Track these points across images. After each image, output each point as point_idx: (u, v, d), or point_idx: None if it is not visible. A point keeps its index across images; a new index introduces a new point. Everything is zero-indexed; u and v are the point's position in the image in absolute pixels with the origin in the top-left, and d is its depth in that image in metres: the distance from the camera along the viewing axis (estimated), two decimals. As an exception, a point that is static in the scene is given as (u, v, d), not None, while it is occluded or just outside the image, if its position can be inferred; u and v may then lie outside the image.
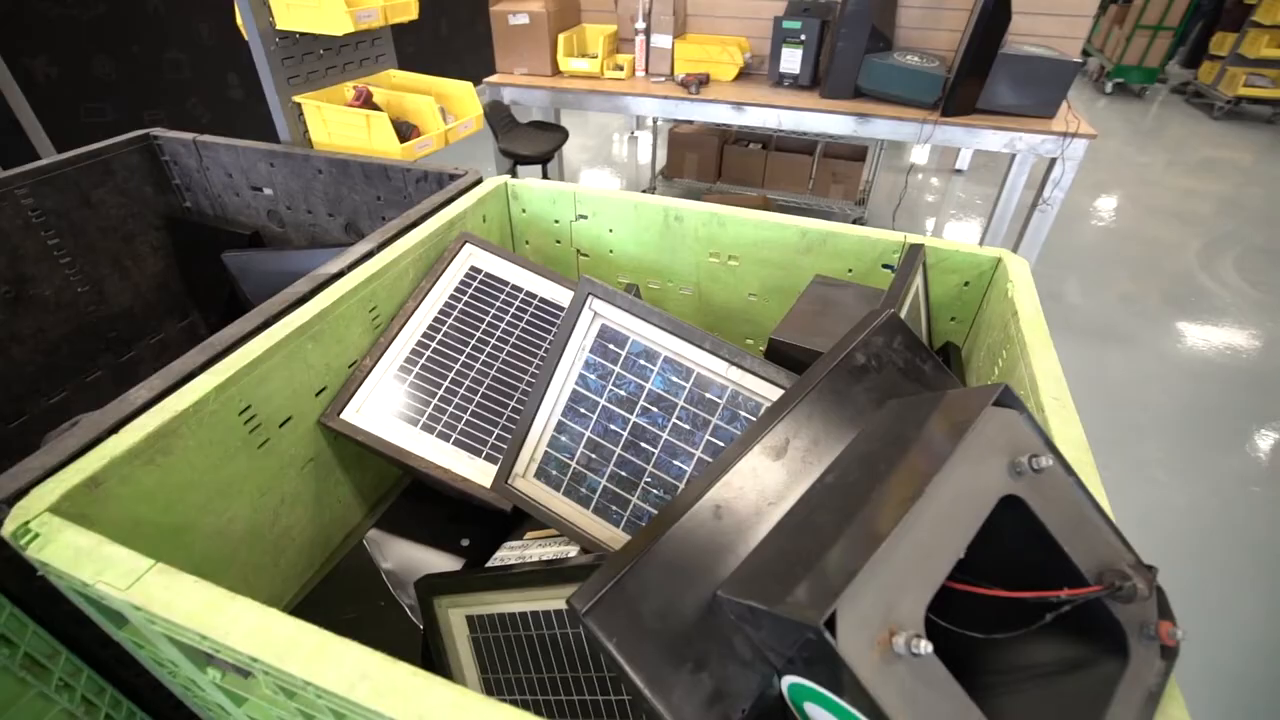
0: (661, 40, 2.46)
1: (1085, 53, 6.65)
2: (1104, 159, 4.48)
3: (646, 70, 2.55)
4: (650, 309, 0.70)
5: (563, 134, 2.44)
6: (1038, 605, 0.39)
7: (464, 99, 1.58)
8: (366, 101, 1.39)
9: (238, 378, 0.67)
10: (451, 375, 0.88)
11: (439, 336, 0.91)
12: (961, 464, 0.38)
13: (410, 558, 0.81)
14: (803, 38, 2.24)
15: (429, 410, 0.84)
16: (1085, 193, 3.94)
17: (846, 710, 0.35)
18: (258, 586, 0.76)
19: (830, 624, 0.31)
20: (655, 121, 3.63)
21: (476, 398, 0.87)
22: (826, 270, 1.07)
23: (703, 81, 2.40)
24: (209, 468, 0.66)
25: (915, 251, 0.96)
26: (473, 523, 0.86)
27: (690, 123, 3.26)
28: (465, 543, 0.84)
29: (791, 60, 2.31)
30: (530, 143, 2.32)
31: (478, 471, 0.80)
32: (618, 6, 2.56)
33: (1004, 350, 0.82)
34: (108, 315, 1.36)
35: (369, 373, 0.84)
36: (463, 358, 0.90)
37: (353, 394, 0.83)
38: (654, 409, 0.70)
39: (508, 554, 0.76)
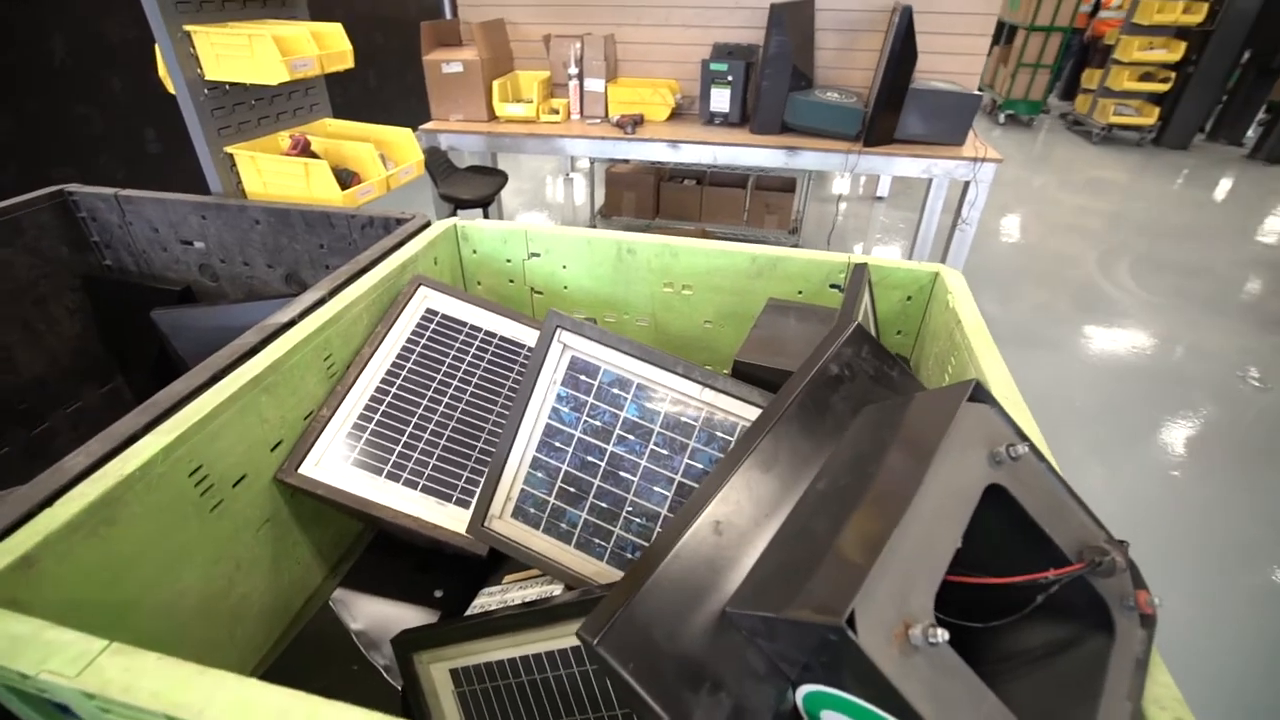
0: (595, 84, 2.54)
1: (979, 88, 7.31)
2: (1005, 182, 4.88)
3: (581, 113, 2.62)
4: (620, 338, 0.71)
5: (502, 177, 2.45)
6: (1027, 589, 0.41)
7: (403, 145, 1.57)
8: (304, 150, 1.36)
9: (188, 436, 0.63)
10: (414, 420, 0.85)
11: (399, 381, 0.88)
12: (947, 459, 0.40)
13: (381, 615, 0.77)
14: (730, 79, 2.36)
15: (393, 458, 0.81)
16: (993, 213, 4.27)
17: (868, 710, 0.35)
18: (213, 663, 0.70)
19: (850, 622, 0.32)
20: (591, 162, 3.71)
21: (442, 441, 0.84)
22: (777, 293, 1.11)
23: (638, 122, 2.49)
24: (157, 537, 0.61)
25: (861, 270, 1.01)
26: (445, 572, 0.82)
27: (626, 162, 3.35)
28: (439, 594, 0.80)
29: (721, 100, 2.43)
30: (470, 187, 2.32)
31: (449, 518, 0.77)
32: (550, 54, 2.63)
33: (952, 357, 0.87)
34: (17, 385, 1.25)
35: (327, 423, 0.81)
36: (425, 401, 0.87)
37: (311, 446, 0.79)
38: (630, 437, 0.70)
39: (487, 600, 0.73)
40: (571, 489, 0.70)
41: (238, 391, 0.69)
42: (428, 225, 1.16)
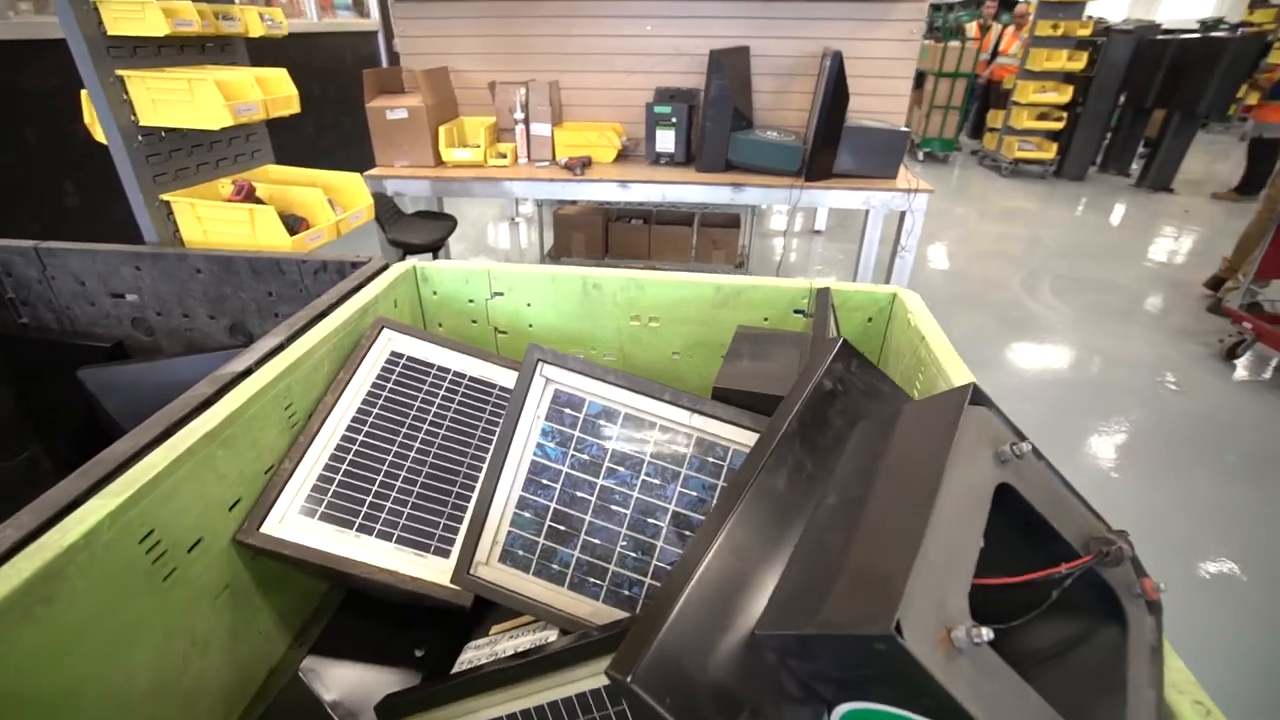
0: (541, 129, 2.58)
1: (896, 130, 7.84)
2: (930, 213, 5.17)
3: (529, 157, 2.65)
4: (605, 368, 0.70)
5: (451, 222, 2.43)
6: (1041, 586, 0.42)
7: (352, 190, 1.54)
8: (249, 196, 1.31)
9: (138, 498, 0.58)
10: (385, 468, 0.81)
11: (365, 429, 0.84)
12: (958, 462, 0.40)
13: (359, 682, 0.71)
14: (674, 120, 2.45)
15: (364, 509, 0.76)
16: (921, 242, 4.53)
17: (914, 723, 0.34)
18: (167, 757, 0.62)
19: (898, 629, 0.31)
20: (539, 205, 3.74)
21: (416, 489, 0.80)
22: (743, 321, 1.13)
23: (585, 164, 2.53)
24: (103, 614, 0.55)
25: (825, 294, 1.04)
26: (426, 628, 0.77)
27: (575, 203, 3.39)
28: (420, 653, 0.74)
29: (666, 140, 2.51)
30: (419, 232, 2.29)
31: (429, 569, 0.73)
32: (495, 100, 2.66)
33: (919, 373, 0.89)
34: (-85, 461, 1.12)
35: (290, 476, 0.75)
36: (395, 448, 0.83)
37: (273, 503, 0.73)
38: (620, 469, 0.68)
39: (475, 654, 0.69)
40: (562, 527, 0.67)
41: (193, 446, 0.64)
42: (386, 268, 1.13)
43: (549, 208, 3.66)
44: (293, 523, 0.73)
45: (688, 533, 0.66)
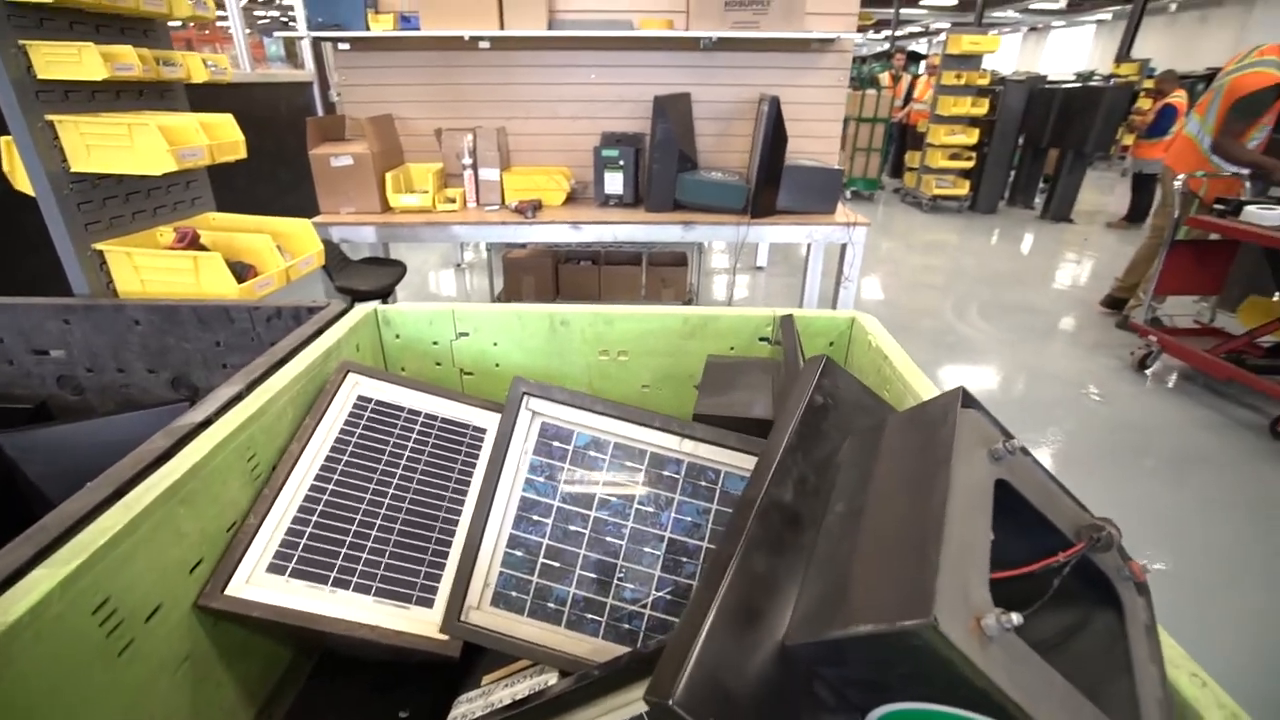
0: (489, 173, 2.59)
1: (824, 171, 8.32)
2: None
3: (478, 201, 2.66)
4: (592, 398, 0.69)
5: (400, 267, 2.40)
6: (1041, 576, 0.44)
7: (301, 236, 1.50)
8: (193, 243, 1.26)
9: (91, 564, 0.53)
10: (359, 518, 0.77)
11: (335, 477, 0.80)
12: (961, 461, 0.42)
13: (340, 752, 0.65)
14: (621, 163, 2.52)
15: (338, 563, 0.72)
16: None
17: (950, 715, 0.35)
18: None
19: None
20: (488, 249, 3.73)
21: (393, 537, 0.76)
22: (710, 351, 1.15)
23: (536, 206, 2.56)
24: (50, 696, 0.49)
25: (789, 321, 1.08)
26: (409, 687, 0.72)
27: (523, 246, 3.40)
28: (405, 714, 0.70)
29: (614, 182, 2.57)
30: (368, 278, 2.24)
31: (412, 621, 0.69)
32: (442, 146, 2.67)
33: (885, 390, 0.93)
34: None
35: (256, 532, 0.71)
36: (368, 496, 0.79)
37: (238, 562, 0.68)
38: (613, 499, 0.67)
39: (468, 708, 0.65)
40: (555, 564, 0.65)
41: (151, 504, 0.59)
42: (345, 311, 1.10)
43: (497, 252, 3.65)
44: (261, 582, 0.68)
45: (684, 559, 0.65)
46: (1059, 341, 3.61)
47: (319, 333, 1.00)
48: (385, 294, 2.26)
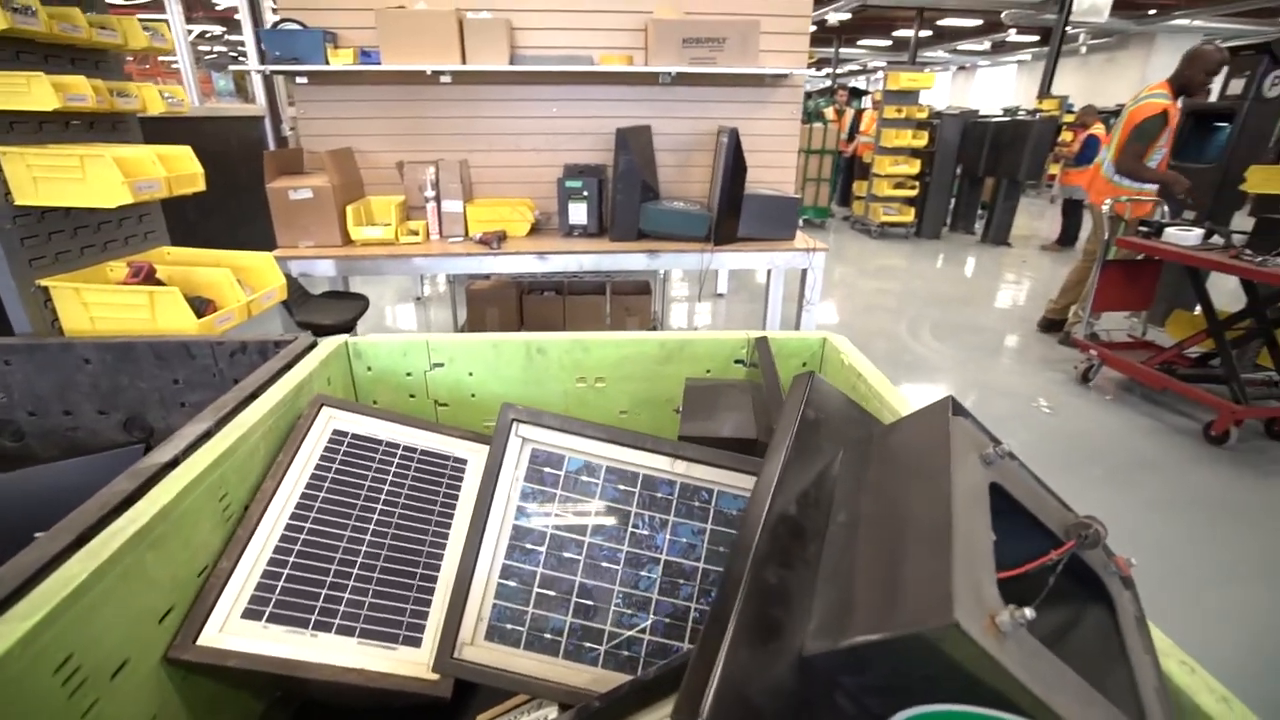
0: (453, 205, 2.59)
1: (777, 201, 8.61)
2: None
3: (441, 233, 2.64)
4: (583, 422, 0.69)
5: (363, 301, 2.35)
6: (1035, 576, 0.45)
7: (263, 270, 1.46)
8: (148, 278, 1.21)
9: (53, 618, 0.49)
10: (339, 556, 0.74)
11: (313, 514, 0.76)
12: (958, 468, 0.44)
13: (327, 809, 0.61)
14: (585, 194, 2.56)
15: (319, 605, 0.69)
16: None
17: (971, 714, 0.35)
18: None
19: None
20: (450, 281, 3.70)
21: (375, 575, 0.74)
22: (687, 374, 1.16)
23: (501, 238, 2.56)
24: (10, 768, 0.45)
25: (764, 344, 1.10)
26: (397, 734, 0.69)
27: (487, 278, 3.38)
28: (394, 763, 0.66)
29: (579, 213, 2.60)
30: (329, 312, 2.18)
31: (400, 662, 0.66)
32: (404, 179, 2.65)
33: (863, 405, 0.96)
34: None
35: (229, 576, 0.67)
36: (348, 533, 0.76)
37: (211, 608, 0.64)
38: (608, 523, 0.67)
39: (464, 752, 0.62)
40: (551, 592, 0.64)
41: (118, 551, 0.56)
42: (315, 345, 1.07)
43: (460, 284, 3.62)
44: (236, 629, 0.64)
45: (681, 581, 0.65)
46: (1007, 358, 3.78)
47: (288, 367, 0.97)
48: (348, 328, 2.20)
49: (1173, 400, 3.11)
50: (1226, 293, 3.38)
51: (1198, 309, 2.98)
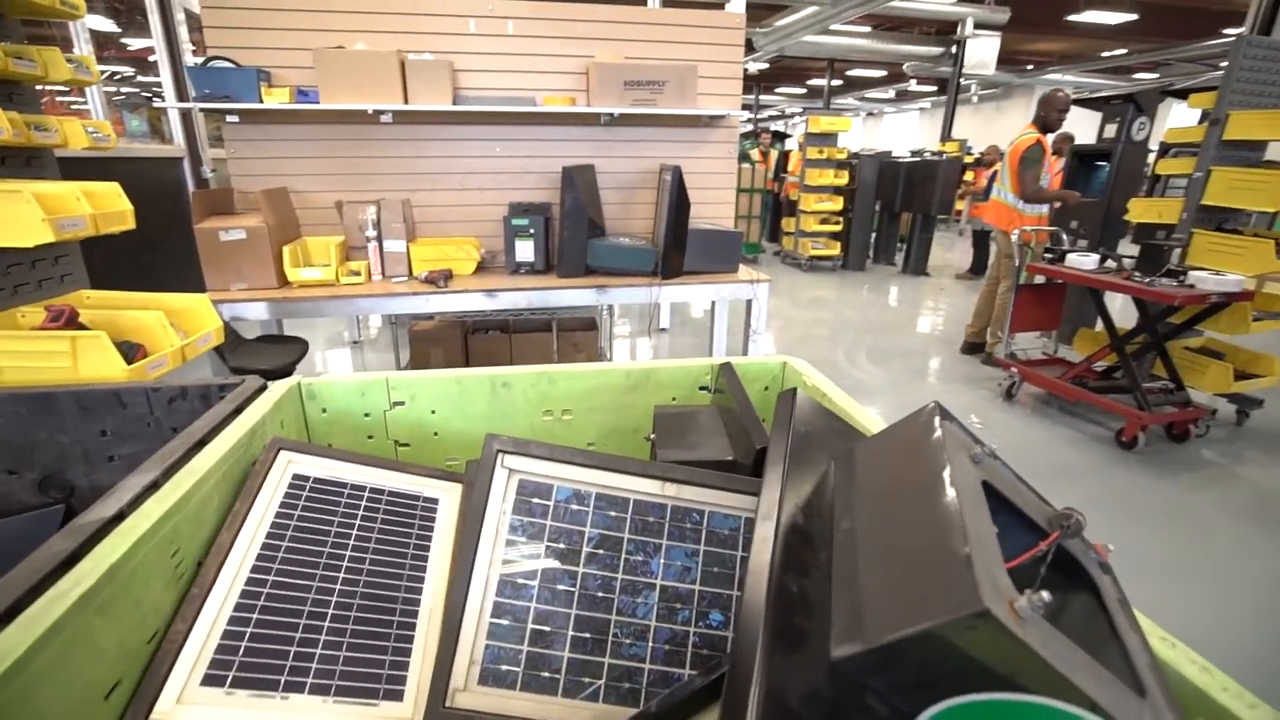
0: (395, 245, 2.53)
1: (712, 237, 8.91)
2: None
3: (383, 273, 2.57)
4: (569, 449, 0.68)
5: (301, 344, 2.23)
6: (1027, 566, 0.48)
7: (198, 312, 1.38)
8: (69, 322, 1.11)
9: (-10, 700, 0.43)
10: (308, 609, 0.69)
11: (276, 566, 0.71)
12: (954, 467, 0.46)
13: None
14: (532, 231, 2.56)
15: (289, 664, 0.64)
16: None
17: (1001, 703, 0.36)
18: None
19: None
20: (393, 322, 3.58)
21: (349, 626, 0.69)
22: (653, 403, 1.17)
23: (448, 276, 2.52)
24: None
25: (729, 369, 1.13)
26: (379, 800, 0.63)
27: (430, 318, 3.30)
28: (378, 833, 0.61)
29: (525, 250, 2.60)
30: (266, 357, 2.06)
31: (383, 719, 0.62)
32: (344, 219, 2.58)
33: (829, 423, 0.99)
34: None
35: (185, 639, 0.61)
36: (316, 584, 0.72)
37: (165, 677, 0.58)
38: (601, 552, 0.65)
39: (459, 810, 0.58)
40: (546, 628, 0.62)
41: (62, 618, 0.50)
42: (265, 387, 1.01)
43: (402, 325, 3.51)
44: (195, 698, 0.58)
45: (678, 605, 0.64)
46: (938, 379, 4.01)
47: (238, 410, 0.91)
48: (286, 373, 2.09)
49: (1086, 410, 3.38)
50: (1116, 311, 3.73)
51: (1099, 326, 3.26)
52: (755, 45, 9.77)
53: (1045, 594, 0.36)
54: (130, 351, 1.16)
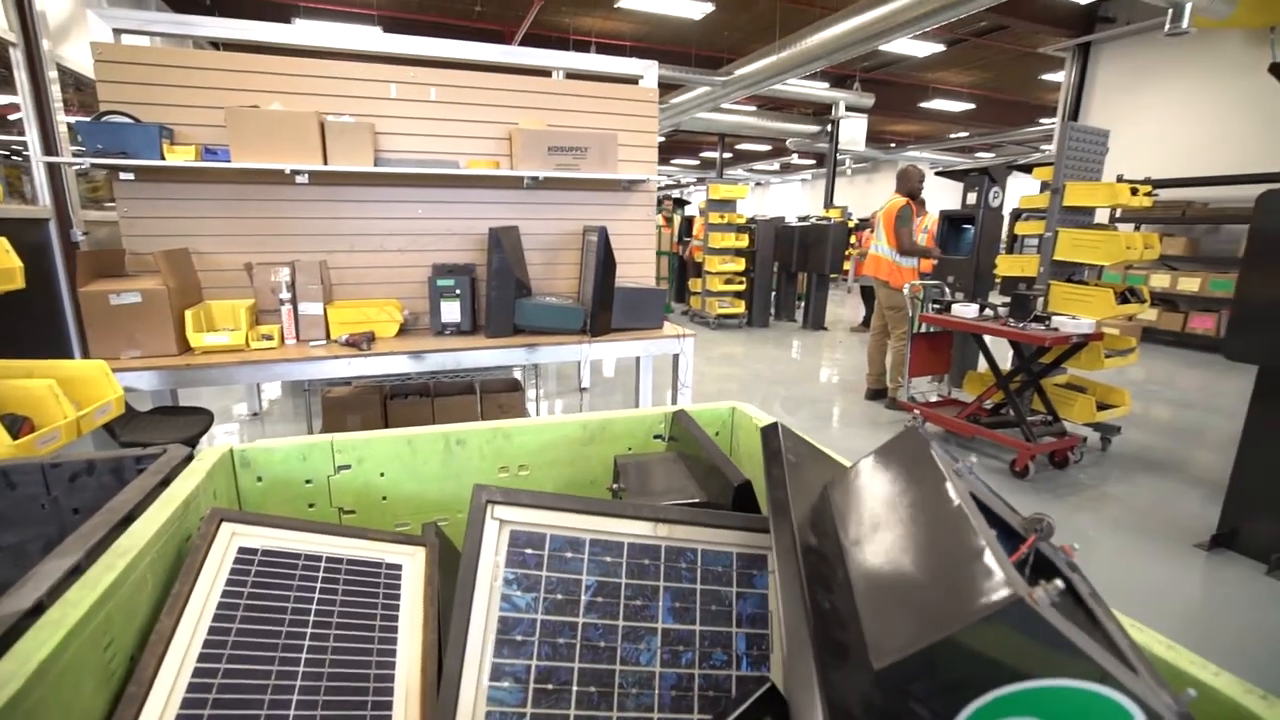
0: (311, 308, 2.40)
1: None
2: (664, 361, 6.02)
3: (298, 337, 2.41)
4: (560, 496, 0.67)
5: (206, 415, 2.02)
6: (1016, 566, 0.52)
7: (94, 380, 1.24)
8: (-60, 396, 0.96)
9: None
10: (269, 698, 0.62)
11: (227, 652, 0.64)
12: (952, 482, 0.50)
13: None
14: (458, 292, 2.52)
15: (252, 762, 0.56)
16: (667, 387, 5.18)
17: (1036, 691, 0.39)
18: None
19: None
20: (306, 389, 3.34)
21: (318, 712, 0.62)
22: (610, 453, 1.17)
23: (370, 339, 2.40)
24: None
25: (684, 415, 1.16)
26: None
27: (347, 383, 3.11)
28: None
29: (451, 311, 2.55)
30: (165, 431, 1.83)
31: (368, 812, 0.56)
32: (254, 281, 2.42)
33: (787, 461, 1.03)
34: None
35: (127, 749, 0.53)
36: (275, 667, 0.65)
37: (107, 797, 0.49)
38: (600, 600, 0.64)
39: None
40: (549, 685, 0.59)
41: (-13, 733, 0.42)
42: (191, 457, 0.92)
43: (314, 393, 3.28)
44: (144, 817, 0.50)
45: (681, 647, 0.63)
46: (847, 424, 4.25)
47: (165, 483, 0.82)
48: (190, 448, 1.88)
49: (982, 445, 3.70)
50: (995, 354, 4.18)
51: (981, 368, 3.63)
52: (656, 120, 10.42)
53: (1059, 582, 0.40)
54: (14, 425, 1.02)
